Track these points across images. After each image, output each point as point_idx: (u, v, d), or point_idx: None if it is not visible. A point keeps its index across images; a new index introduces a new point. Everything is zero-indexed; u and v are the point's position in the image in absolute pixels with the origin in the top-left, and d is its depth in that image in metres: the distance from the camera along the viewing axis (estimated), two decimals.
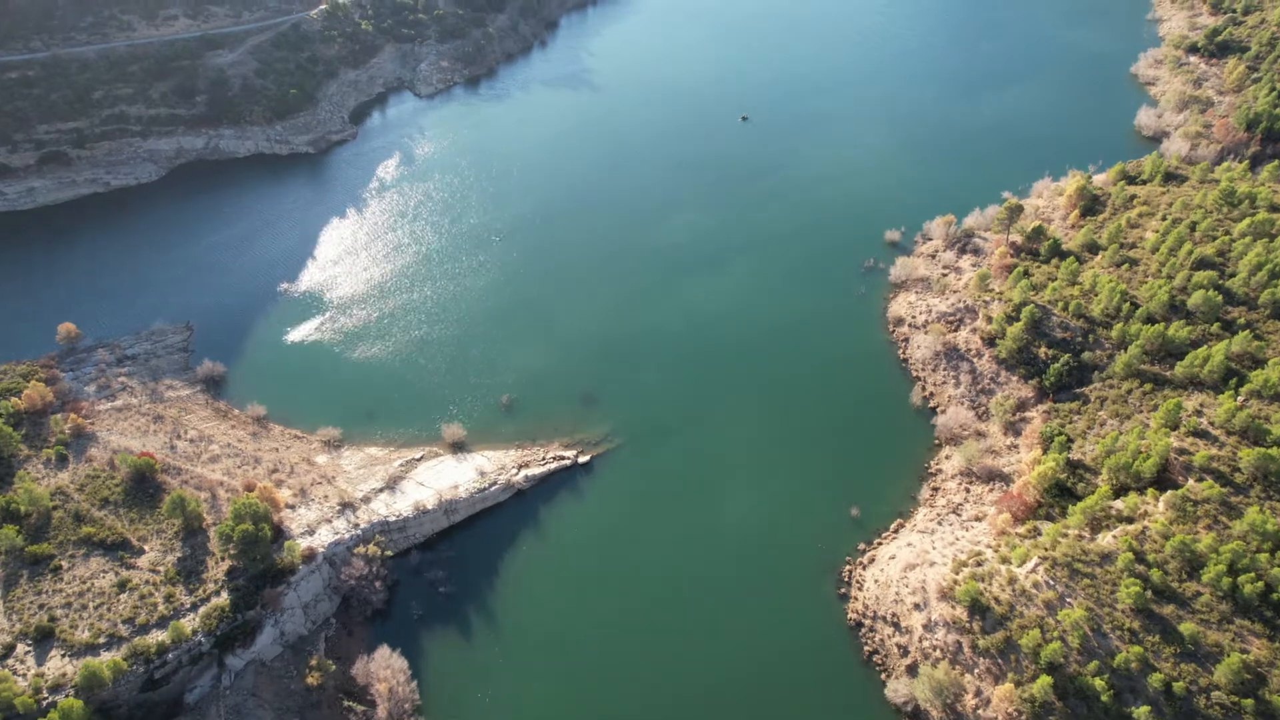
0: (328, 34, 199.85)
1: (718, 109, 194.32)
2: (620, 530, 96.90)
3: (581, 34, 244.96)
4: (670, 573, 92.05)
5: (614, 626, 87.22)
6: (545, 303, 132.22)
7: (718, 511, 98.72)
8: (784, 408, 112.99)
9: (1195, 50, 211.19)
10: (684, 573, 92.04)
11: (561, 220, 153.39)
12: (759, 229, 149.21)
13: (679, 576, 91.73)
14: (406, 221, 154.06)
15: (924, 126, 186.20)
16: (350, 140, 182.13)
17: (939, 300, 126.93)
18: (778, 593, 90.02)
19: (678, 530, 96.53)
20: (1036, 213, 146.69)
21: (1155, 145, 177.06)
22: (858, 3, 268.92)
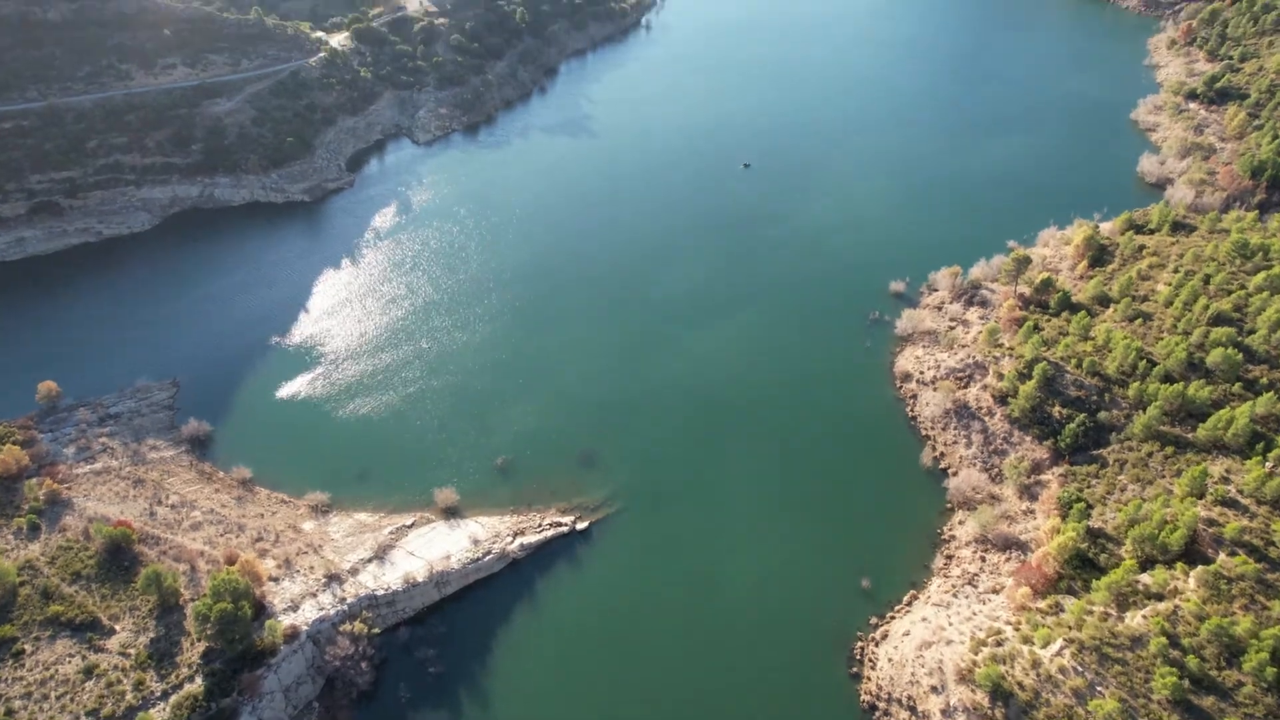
0: (326, 81, 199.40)
1: (718, 156, 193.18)
2: (619, 604, 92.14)
3: (581, 80, 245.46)
4: (672, 651, 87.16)
5: (612, 711, 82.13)
6: (543, 357, 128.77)
7: (722, 583, 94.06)
8: (789, 469, 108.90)
9: (1194, 97, 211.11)
10: (687, 650, 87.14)
11: (560, 270, 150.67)
12: (761, 279, 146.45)
13: (681, 655, 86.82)
14: (403, 272, 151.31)
15: (926, 174, 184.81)
16: (347, 188, 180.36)
17: (947, 355, 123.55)
18: (787, 672, 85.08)
19: (679, 604, 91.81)
20: (1044, 263, 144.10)
21: (1159, 192, 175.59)
22: (858, 50, 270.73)
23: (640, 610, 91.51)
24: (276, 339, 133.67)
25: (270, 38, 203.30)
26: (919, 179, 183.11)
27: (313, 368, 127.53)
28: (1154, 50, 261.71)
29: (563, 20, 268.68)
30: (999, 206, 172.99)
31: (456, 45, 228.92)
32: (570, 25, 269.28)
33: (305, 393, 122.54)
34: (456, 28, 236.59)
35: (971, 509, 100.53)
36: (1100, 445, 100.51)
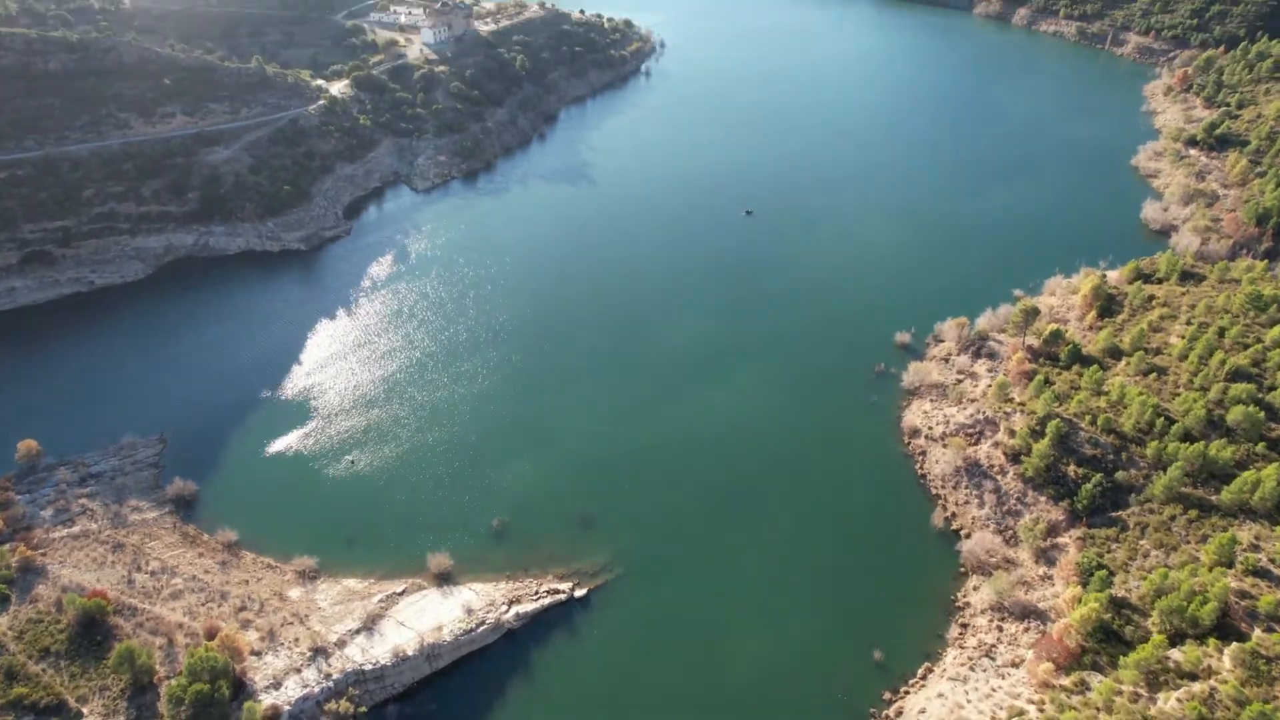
0: (325, 129, 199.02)
1: (720, 203, 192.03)
2: (618, 679, 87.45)
3: (581, 127, 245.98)
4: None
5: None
6: (541, 412, 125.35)
7: (726, 655, 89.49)
8: (796, 531, 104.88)
9: (1194, 143, 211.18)
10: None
11: (560, 321, 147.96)
12: (765, 330, 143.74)
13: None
14: (400, 322, 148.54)
15: (929, 221, 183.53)
16: (344, 236, 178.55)
17: (956, 410, 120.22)
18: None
19: (682, 678, 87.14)
20: (1051, 313, 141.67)
21: (1163, 239, 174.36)
22: (857, 95, 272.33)
23: (641, 684, 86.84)
24: (268, 392, 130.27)
25: (270, 86, 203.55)
26: (922, 226, 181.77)
27: (304, 423, 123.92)
28: (1151, 97, 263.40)
29: (562, 68, 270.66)
30: (1003, 254, 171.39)
31: (456, 93, 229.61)
32: (570, 73, 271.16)
33: (296, 449, 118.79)
34: (456, 75, 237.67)
35: (986, 574, 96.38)
36: (1119, 507, 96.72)
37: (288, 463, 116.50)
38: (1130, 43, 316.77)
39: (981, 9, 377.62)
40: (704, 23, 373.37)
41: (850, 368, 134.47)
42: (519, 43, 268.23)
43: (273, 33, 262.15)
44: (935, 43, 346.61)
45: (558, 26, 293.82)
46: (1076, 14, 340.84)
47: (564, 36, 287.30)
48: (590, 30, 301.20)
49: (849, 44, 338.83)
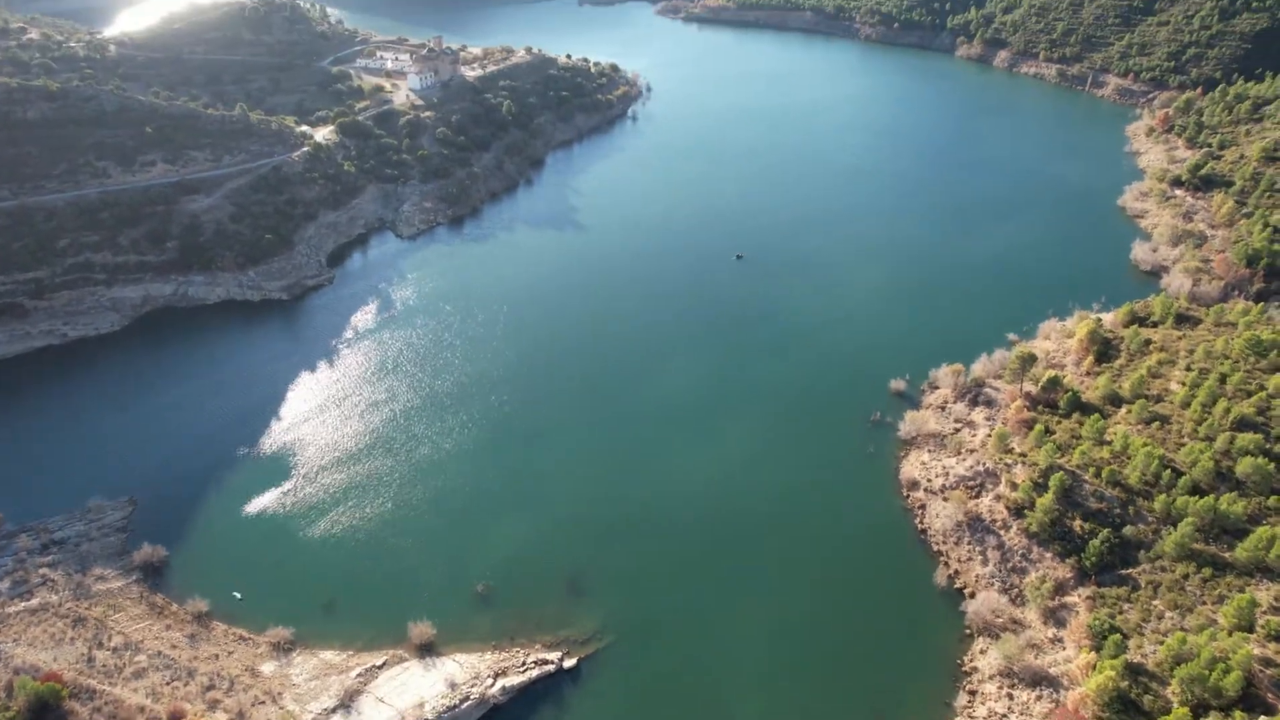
0: (309, 176, 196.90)
1: (709, 248, 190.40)
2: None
3: (568, 171, 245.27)
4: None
5: None
6: (528, 469, 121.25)
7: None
8: (793, 591, 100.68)
9: (1180, 184, 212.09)
10: None
11: (547, 372, 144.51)
12: (756, 379, 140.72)
13: None
14: (384, 374, 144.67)
15: (920, 264, 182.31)
16: (327, 285, 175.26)
17: (955, 461, 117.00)
18: None
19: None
20: (1047, 358, 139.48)
21: (1154, 279, 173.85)
22: (843, 137, 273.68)
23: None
24: (245, 449, 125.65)
25: (254, 133, 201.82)
26: (912, 270, 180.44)
27: (283, 481, 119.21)
28: (1133, 137, 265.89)
29: (549, 112, 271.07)
30: (995, 297, 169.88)
31: (442, 138, 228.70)
32: (557, 117, 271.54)
33: (273, 509, 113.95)
34: (443, 121, 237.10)
35: (994, 636, 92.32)
36: (1129, 564, 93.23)
37: (264, 524, 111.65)
38: (1110, 84, 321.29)
39: (964, 51, 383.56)
40: (690, 67, 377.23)
41: (845, 417, 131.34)
42: (506, 88, 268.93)
43: (259, 79, 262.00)
44: (919, 84, 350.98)
45: (544, 71, 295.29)
46: (1056, 57, 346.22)
47: (551, 81, 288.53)
48: (577, 75, 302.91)
49: (835, 86, 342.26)
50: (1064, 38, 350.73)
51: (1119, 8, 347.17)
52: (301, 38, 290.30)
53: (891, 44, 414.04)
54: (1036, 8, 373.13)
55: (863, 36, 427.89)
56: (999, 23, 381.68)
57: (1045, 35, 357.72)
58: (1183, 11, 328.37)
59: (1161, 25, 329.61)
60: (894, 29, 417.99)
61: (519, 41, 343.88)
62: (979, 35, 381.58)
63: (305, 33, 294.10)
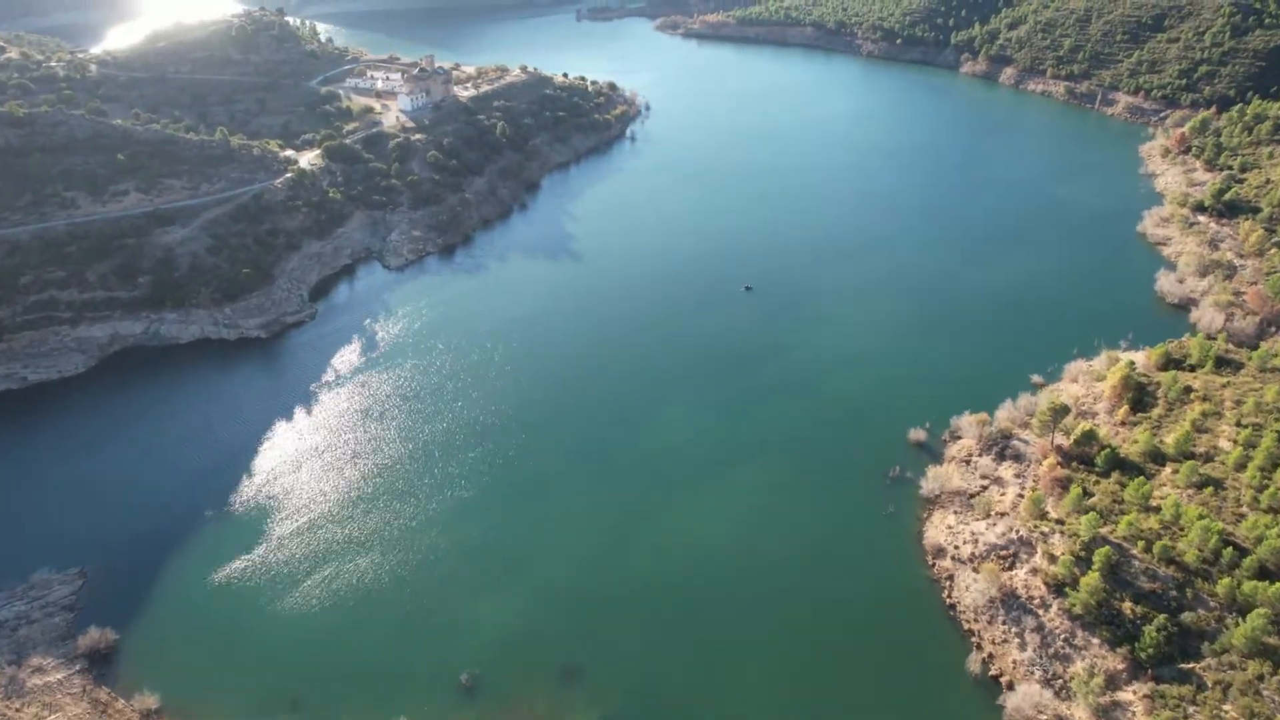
0: (292, 204, 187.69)
1: (715, 277, 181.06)
2: None
3: (564, 196, 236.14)
4: None
5: None
6: (520, 533, 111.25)
7: None
8: (811, 674, 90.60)
9: (1203, 209, 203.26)
10: None
11: (543, 418, 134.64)
12: (765, 428, 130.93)
13: None
14: (366, 422, 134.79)
15: (934, 297, 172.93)
16: (309, 321, 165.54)
17: (985, 526, 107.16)
18: None
19: None
20: (1077, 404, 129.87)
21: (1182, 313, 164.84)
22: (849, 157, 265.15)
23: None
24: (213, 510, 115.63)
25: (235, 159, 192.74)
26: (926, 302, 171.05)
27: (252, 548, 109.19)
28: (1148, 158, 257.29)
29: (545, 133, 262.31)
30: (1014, 332, 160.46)
31: (433, 162, 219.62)
32: (553, 138, 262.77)
33: (239, 583, 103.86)
34: (434, 144, 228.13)
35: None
36: (1190, 656, 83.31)
37: (228, 600, 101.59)
38: (1120, 102, 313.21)
39: (969, 68, 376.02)
40: (689, 84, 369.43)
41: (862, 471, 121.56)
42: (500, 108, 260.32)
43: (244, 100, 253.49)
44: (925, 102, 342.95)
45: (540, 91, 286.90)
46: (1064, 74, 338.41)
47: (546, 101, 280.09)
48: (574, 94, 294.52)
49: (838, 104, 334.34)
50: (1071, 55, 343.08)
51: (1127, 24, 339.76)
52: (290, 57, 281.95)
53: (894, 60, 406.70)
54: (1043, 24, 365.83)
55: (865, 52, 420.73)
56: (1004, 39, 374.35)
57: (1052, 52, 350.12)
58: (1193, 28, 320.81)
59: (1172, 42, 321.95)
60: (896, 45, 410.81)
61: (514, 59, 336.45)
62: (984, 52, 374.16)
63: (293, 52, 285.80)
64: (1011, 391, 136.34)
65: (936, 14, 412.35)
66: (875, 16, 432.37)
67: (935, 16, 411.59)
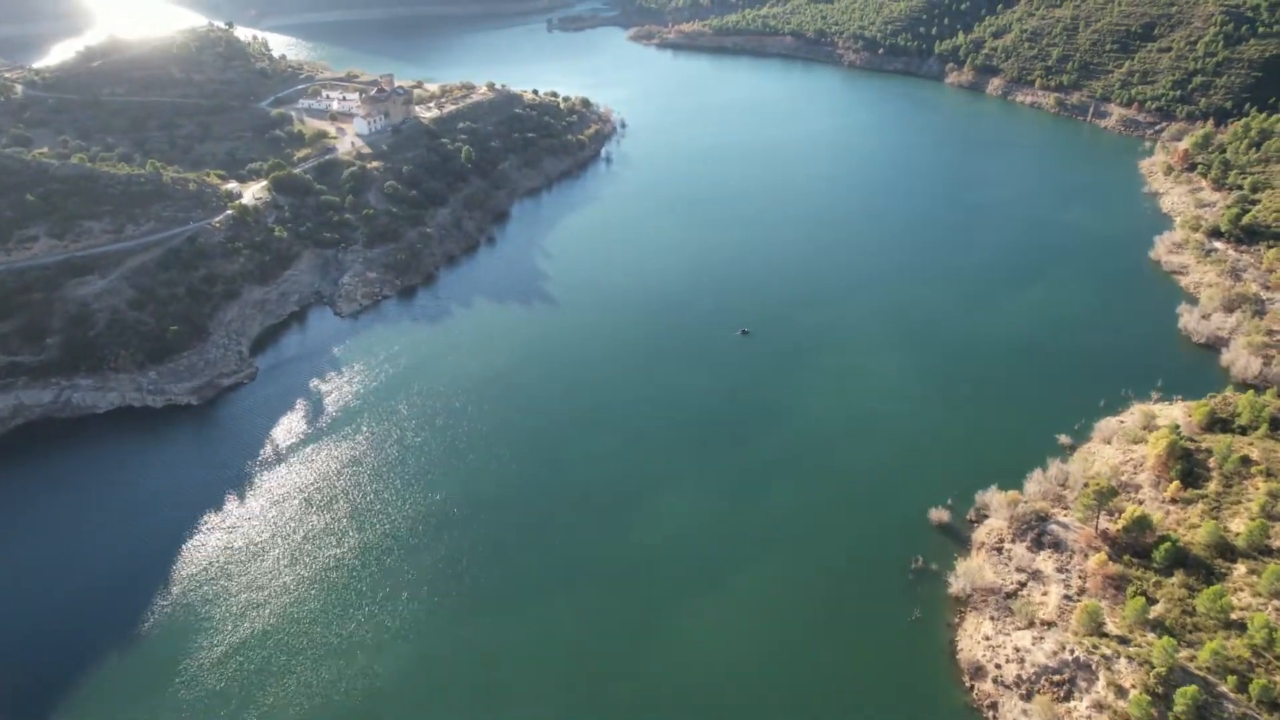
0: (232, 246, 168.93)
1: (704, 320, 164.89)
2: None
3: (535, 226, 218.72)
4: None
5: None
6: (484, 659, 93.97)
7: None
8: None
9: (1219, 235, 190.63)
10: None
11: (513, 505, 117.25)
12: (769, 516, 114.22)
13: None
14: (311, 512, 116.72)
15: (942, 343, 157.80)
16: (248, 382, 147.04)
17: (1030, 639, 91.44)
18: None
19: None
20: (1115, 474, 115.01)
21: (1210, 353, 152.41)
22: (838, 175, 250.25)
23: None
24: (122, 629, 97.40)
25: (167, 195, 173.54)
26: (934, 349, 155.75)
27: (166, 682, 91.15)
28: (1150, 176, 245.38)
29: (514, 156, 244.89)
30: (1032, 381, 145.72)
31: (391, 193, 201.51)
32: (522, 162, 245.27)
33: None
34: (392, 172, 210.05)
35: None
36: None
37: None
38: (1113, 114, 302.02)
39: (954, 79, 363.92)
40: (666, 98, 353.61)
41: (881, 565, 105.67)
42: (465, 130, 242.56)
43: (187, 124, 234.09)
44: (912, 115, 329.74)
45: (509, 110, 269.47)
46: (1053, 84, 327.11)
47: (515, 121, 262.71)
48: (544, 112, 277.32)
49: (822, 119, 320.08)
50: (1060, 64, 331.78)
51: (1116, 33, 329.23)
52: (238, 76, 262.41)
53: (876, 70, 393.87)
54: (1029, 33, 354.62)
55: (846, 62, 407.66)
56: (989, 48, 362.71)
57: (1040, 62, 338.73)
58: (1184, 37, 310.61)
59: (1163, 52, 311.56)
60: (879, 54, 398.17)
61: (482, 73, 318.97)
62: (969, 62, 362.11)
63: (242, 70, 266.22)
64: (1037, 454, 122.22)
65: (919, 22, 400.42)
66: (856, 25, 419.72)
67: (917, 25, 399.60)
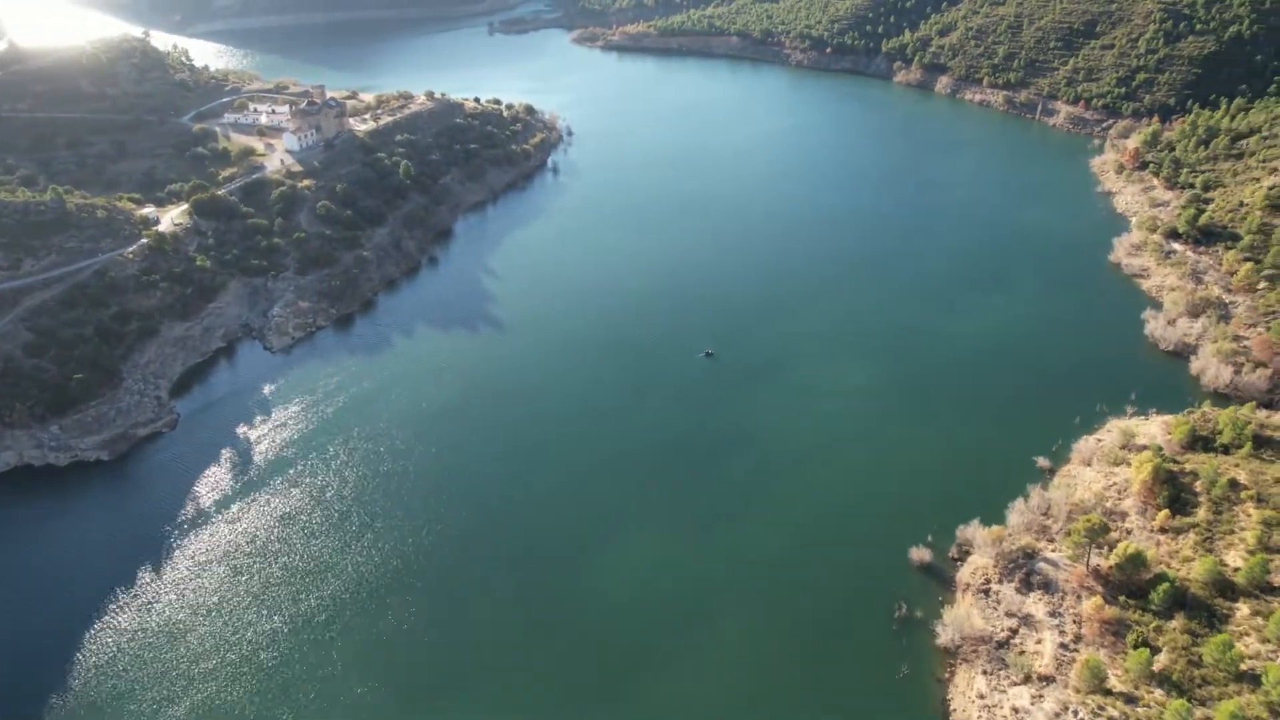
0: (147, 278, 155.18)
1: (662, 342, 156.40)
2: None
3: (480, 243, 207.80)
4: None
5: None
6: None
7: None
8: None
9: (1177, 236, 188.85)
10: None
11: (459, 568, 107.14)
12: (737, 561, 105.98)
13: None
14: (236, 584, 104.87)
15: (907, 355, 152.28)
16: (168, 430, 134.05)
17: (1028, 696, 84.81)
18: None
19: None
20: (1099, 500, 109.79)
21: (1179, 360, 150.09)
22: (792, 183, 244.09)
23: None
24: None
25: (71, 224, 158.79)
26: (900, 362, 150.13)
27: None
28: (1102, 174, 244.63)
29: (456, 170, 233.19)
30: (1002, 396, 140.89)
31: (324, 214, 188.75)
32: (465, 175, 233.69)
33: None
34: (325, 191, 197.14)
35: None
36: None
37: None
38: (1061, 112, 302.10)
39: (902, 77, 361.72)
40: (613, 102, 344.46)
41: (860, 613, 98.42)
42: (403, 143, 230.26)
43: (100, 142, 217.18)
44: (861, 116, 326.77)
45: (449, 119, 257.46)
46: (1000, 82, 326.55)
47: (457, 132, 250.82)
48: (487, 121, 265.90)
49: (771, 120, 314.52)
50: (1006, 62, 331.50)
51: (1060, 30, 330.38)
52: (156, 89, 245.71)
53: (824, 70, 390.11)
54: (974, 30, 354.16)
55: (793, 62, 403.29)
56: (936, 46, 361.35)
57: (986, 60, 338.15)
58: (1125, 34, 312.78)
59: (1106, 49, 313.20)
60: (826, 54, 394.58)
61: (422, 80, 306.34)
62: (917, 60, 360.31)
63: (161, 82, 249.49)
64: (1014, 478, 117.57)
65: (865, 21, 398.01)
66: (802, 25, 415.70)
67: (864, 24, 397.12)
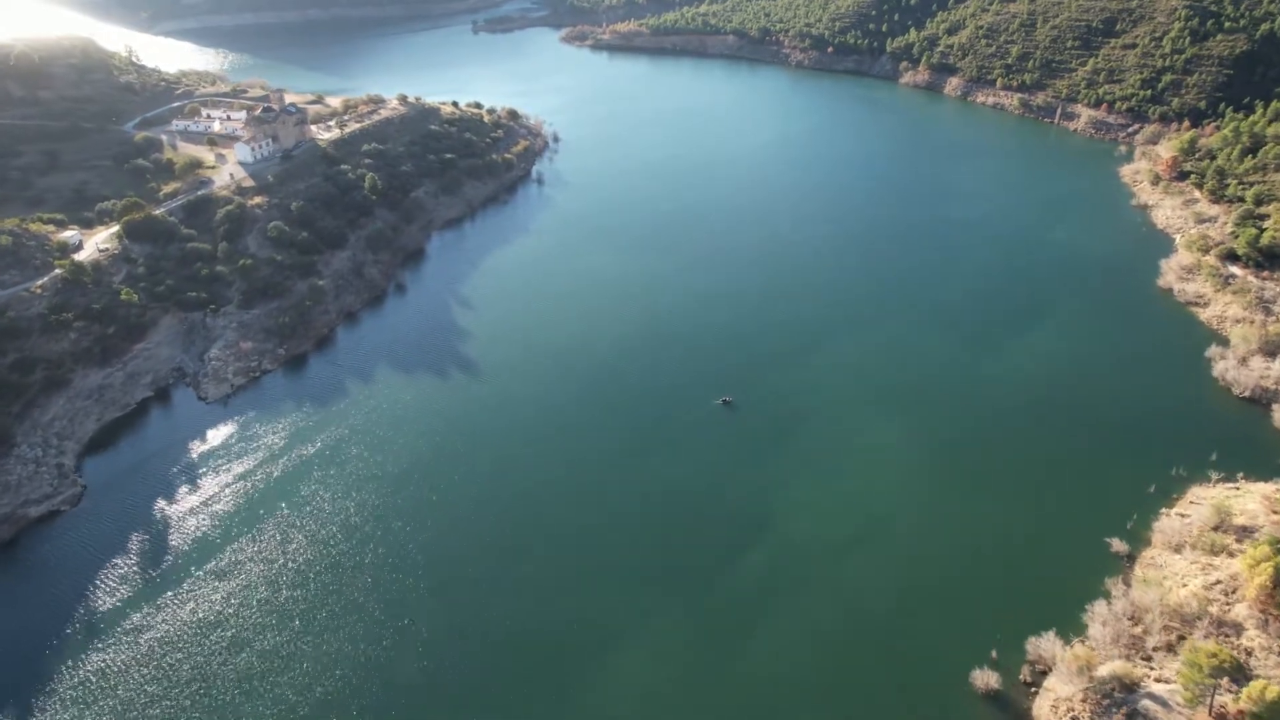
0: (58, 318, 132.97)
1: (667, 388, 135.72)
2: None
3: (455, 265, 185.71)
4: None
5: None
6: None
7: None
8: None
9: (1235, 258, 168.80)
10: None
11: (429, 689, 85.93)
12: (760, 686, 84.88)
13: None
14: (148, 713, 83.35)
15: (944, 404, 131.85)
16: (69, 508, 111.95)
17: None
18: None
19: None
20: (1201, 605, 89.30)
21: (1257, 409, 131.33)
22: (800, 197, 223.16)
23: None
24: None
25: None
26: (935, 415, 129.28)
27: None
28: (1135, 185, 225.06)
29: (429, 182, 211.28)
30: (1058, 454, 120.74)
31: (276, 236, 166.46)
32: (439, 188, 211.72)
33: None
34: (278, 209, 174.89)
35: None
36: None
37: None
38: (1082, 116, 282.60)
39: (909, 78, 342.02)
40: (603, 106, 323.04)
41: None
42: (371, 153, 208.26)
43: (29, 152, 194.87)
44: (870, 121, 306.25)
45: (423, 126, 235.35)
46: (1015, 84, 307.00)
47: (431, 140, 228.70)
48: (465, 128, 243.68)
49: (773, 125, 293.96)
50: (1020, 63, 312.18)
51: (1076, 29, 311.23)
52: (98, 92, 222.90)
53: (826, 70, 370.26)
54: (984, 29, 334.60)
55: (793, 63, 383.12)
56: (944, 46, 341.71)
57: (999, 60, 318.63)
58: (1148, 33, 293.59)
59: (1128, 49, 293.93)
60: (828, 54, 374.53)
61: (399, 83, 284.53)
62: (924, 60, 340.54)
63: (103, 85, 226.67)
64: (1086, 566, 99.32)
65: (868, 19, 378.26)
66: (802, 23, 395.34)
67: (866, 22, 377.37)
